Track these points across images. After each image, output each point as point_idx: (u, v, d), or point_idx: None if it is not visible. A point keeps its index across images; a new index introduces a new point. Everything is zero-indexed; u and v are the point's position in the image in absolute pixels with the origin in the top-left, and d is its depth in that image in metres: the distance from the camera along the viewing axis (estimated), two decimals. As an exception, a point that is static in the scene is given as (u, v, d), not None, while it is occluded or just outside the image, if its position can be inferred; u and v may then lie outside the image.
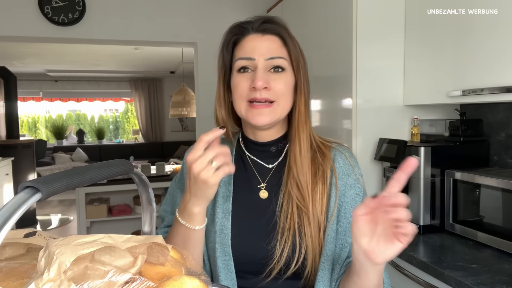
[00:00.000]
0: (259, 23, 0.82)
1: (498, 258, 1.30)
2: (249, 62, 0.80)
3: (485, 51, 1.39)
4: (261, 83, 0.77)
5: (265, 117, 0.79)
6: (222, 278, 0.81)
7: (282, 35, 0.82)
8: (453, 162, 1.60)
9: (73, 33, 2.88)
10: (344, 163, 0.86)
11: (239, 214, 0.84)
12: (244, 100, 0.80)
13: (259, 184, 0.87)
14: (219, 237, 0.82)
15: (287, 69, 0.81)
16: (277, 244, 0.79)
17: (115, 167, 0.56)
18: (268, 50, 0.80)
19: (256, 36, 0.81)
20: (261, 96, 0.78)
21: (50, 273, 0.43)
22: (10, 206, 0.40)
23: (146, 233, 0.66)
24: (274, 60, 0.80)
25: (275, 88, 0.79)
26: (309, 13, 2.20)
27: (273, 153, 0.88)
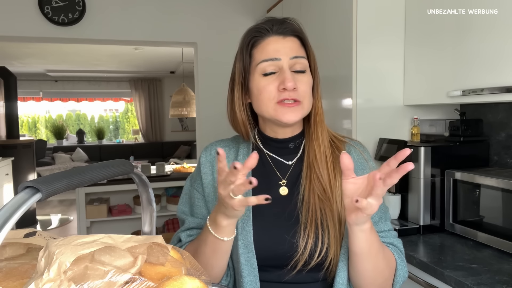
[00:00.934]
0: (278, 25, 0.84)
1: (498, 258, 1.30)
2: (274, 63, 0.81)
3: (485, 51, 1.39)
4: (291, 84, 0.79)
5: (295, 114, 0.82)
6: (245, 274, 0.82)
7: (301, 36, 0.85)
8: (453, 162, 1.60)
9: (73, 33, 2.88)
10: (359, 157, 0.90)
11: (260, 211, 0.84)
12: (272, 101, 0.82)
13: (279, 180, 0.88)
14: (241, 235, 0.83)
15: (307, 70, 0.84)
16: (301, 237, 0.81)
17: (115, 167, 0.56)
18: (291, 50, 0.82)
19: (277, 38, 0.83)
20: (290, 97, 0.81)
21: (50, 273, 0.43)
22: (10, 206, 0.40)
23: (146, 233, 0.66)
24: (298, 59, 0.82)
25: (300, 89, 0.82)
26: (309, 13, 2.20)
27: (291, 149, 0.90)
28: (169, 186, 3.61)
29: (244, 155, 0.91)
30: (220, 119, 3.18)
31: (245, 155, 0.90)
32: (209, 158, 0.93)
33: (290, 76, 0.80)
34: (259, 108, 0.84)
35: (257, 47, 0.84)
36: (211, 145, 0.97)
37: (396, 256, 0.83)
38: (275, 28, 0.83)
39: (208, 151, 0.94)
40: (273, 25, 0.83)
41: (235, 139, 0.96)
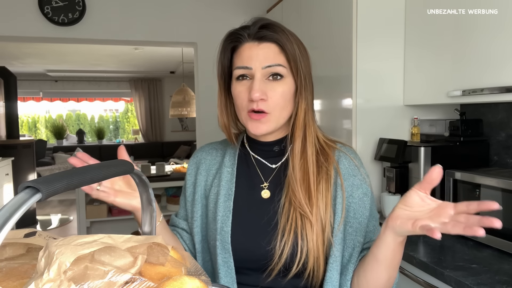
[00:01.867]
0: (255, 29, 0.81)
1: (498, 258, 1.30)
2: (247, 71, 0.80)
3: (485, 51, 1.39)
4: (257, 94, 0.78)
5: (263, 126, 0.81)
6: (222, 275, 0.82)
7: (279, 41, 0.80)
8: (453, 162, 1.60)
9: (73, 33, 2.88)
10: (349, 163, 0.87)
11: (240, 213, 0.85)
12: (244, 110, 0.82)
13: (262, 183, 0.88)
14: (220, 235, 0.83)
15: (286, 75, 0.81)
16: (277, 245, 0.79)
17: (115, 167, 0.56)
18: (265, 58, 0.79)
19: (252, 44, 0.81)
20: (258, 107, 0.79)
21: (50, 273, 0.43)
22: (10, 206, 0.40)
23: (146, 233, 0.66)
24: (271, 68, 0.79)
25: (272, 99, 0.80)
26: (309, 13, 2.20)
27: (276, 152, 0.89)
28: (169, 186, 3.61)
29: (230, 157, 0.91)
30: (220, 119, 3.17)
31: (231, 158, 0.91)
32: (195, 160, 0.96)
33: (257, 87, 0.78)
34: (237, 114, 0.85)
35: (236, 52, 0.83)
36: (201, 148, 0.99)
37: None
38: (251, 33, 0.81)
39: (197, 154, 0.97)
40: (251, 30, 0.81)
41: (225, 141, 0.97)
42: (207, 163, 0.93)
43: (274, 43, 0.81)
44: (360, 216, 0.83)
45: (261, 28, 0.81)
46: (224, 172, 0.89)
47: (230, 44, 0.84)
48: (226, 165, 0.90)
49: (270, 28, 0.81)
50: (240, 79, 0.81)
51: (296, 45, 0.82)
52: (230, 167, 0.89)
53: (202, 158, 0.95)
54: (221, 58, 0.85)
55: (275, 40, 0.80)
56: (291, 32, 0.83)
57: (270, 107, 0.80)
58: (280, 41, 0.80)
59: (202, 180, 0.91)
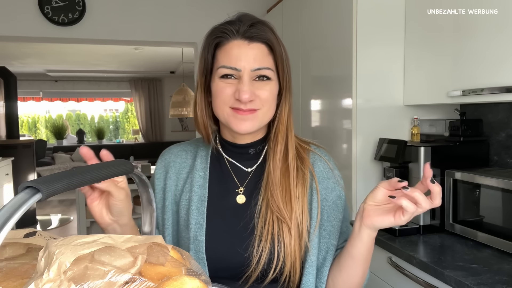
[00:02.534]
0: (245, 27, 0.77)
1: (498, 258, 1.30)
2: (234, 72, 0.77)
3: (485, 51, 1.39)
4: (247, 96, 0.75)
5: (248, 123, 0.78)
6: None
7: (269, 42, 0.78)
8: (453, 162, 1.60)
9: (73, 33, 2.88)
10: (324, 166, 0.86)
11: (214, 219, 0.81)
12: (227, 107, 0.78)
13: (237, 188, 0.84)
14: (193, 244, 0.79)
15: (272, 78, 0.79)
16: (254, 251, 0.77)
17: (115, 167, 0.56)
18: (255, 60, 0.76)
19: (242, 43, 0.77)
20: (246, 108, 0.77)
21: (50, 273, 0.43)
22: (10, 207, 0.40)
23: (146, 233, 0.66)
24: (260, 71, 0.77)
25: (260, 97, 0.77)
26: (309, 13, 2.20)
27: (251, 155, 0.86)
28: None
29: (202, 160, 0.86)
30: (220, 119, 3.18)
31: (203, 161, 0.86)
32: (164, 163, 0.90)
33: (247, 88, 0.75)
34: (216, 110, 0.81)
35: (221, 48, 0.79)
36: (168, 149, 0.93)
37: None
38: (242, 31, 0.77)
39: (164, 156, 0.92)
40: (240, 26, 0.77)
41: (195, 142, 0.92)
42: (177, 166, 0.88)
43: (264, 43, 0.78)
44: (334, 219, 0.82)
45: (251, 26, 0.78)
46: (196, 177, 0.84)
47: (215, 39, 0.80)
48: (198, 168, 0.85)
49: (260, 28, 0.78)
50: (224, 77, 0.78)
51: (282, 46, 0.80)
52: (202, 171, 0.85)
53: (171, 161, 0.89)
54: (204, 54, 0.81)
55: (266, 40, 0.78)
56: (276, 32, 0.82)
57: (258, 104, 0.78)
58: (271, 42, 0.78)
59: (172, 185, 0.86)
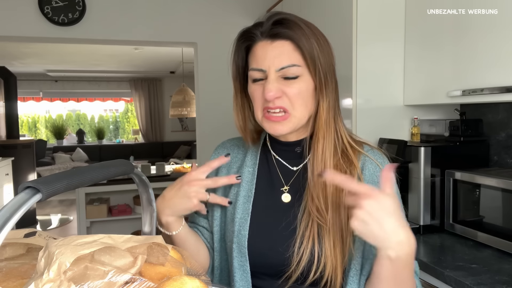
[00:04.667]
0: (267, 27, 0.76)
1: (498, 258, 1.30)
2: (261, 74, 0.77)
3: (485, 50, 1.39)
4: (271, 94, 0.74)
5: (281, 128, 0.77)
6: (237, 278, 0.80)
7: (293, 38, 0.74)
8: (453, 162, 1.60)
9: (73, 33, 2.88)
10: (375, 169, 0.80)
11: (258, 216, 0.82)
12: (260, 109, 0.78)
13: (282, 186, 0.84)
14: (237, 238, 0.80)
15: (302, 74, 0.76)
16: (295, 252, 0.76)
17: (115, 167, 0.56)
18: (279, 59, 0.74)
19: (265, 43, 0.76)
20: (275, 105, 0.76)
21: (50, 273, 0.43)
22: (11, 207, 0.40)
23: (146, 233, 0.66)
24: (285, 70, 0.75)
25: (288, 94, 0.75)
26: (309, 13, 2.20)
27: (298, 153, 0.84)
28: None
29: (252, 156, 0.88)
30: (220, 119, 3.18)
31: (253, 157, 0.87)
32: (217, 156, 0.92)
33: (271, 86, 0.74)
34: (254, 114, 0.81)
35: (250, 52, 0.79)
36: (222, 143, 0.96)
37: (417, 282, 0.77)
38: (264, 31, 0.76)
39: (218, 150, 0.95)
40: (264, 27, 0.76)
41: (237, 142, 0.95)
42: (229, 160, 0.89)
43: (288, 40, 0.75)
44: None
45: (275, 24, 0.75)
46: (245, 172, 0.85)
47: (243, 43, 0.80)
48: (248, 164, 0.86)
49: (284, 24, 0.75)
50: (256, 80, 0.78)
51: (314, 39, 0.75)
52: (252, 167, 0.86)
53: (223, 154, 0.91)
54: (235, 59, 0.81)
55: (289, 37, 0.75)
56: (309, 24, 0.77)
57: (289, 103, 0.76)
58: (295, 37, 0.74)
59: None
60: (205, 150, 3.26)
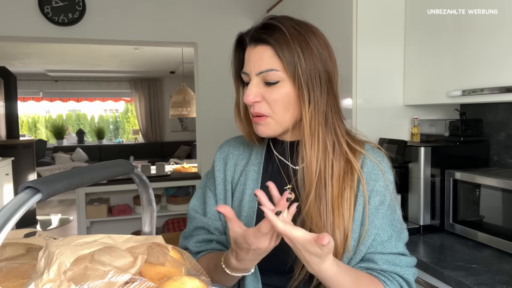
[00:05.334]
0: (252, 31, 0.78)
1: (498, 258, 1.30)
2: (245, 77, 0.79)
3: (485, 51, 1.39)
4: (249, 98, 0.76)
5: (262, 128, 0.79)
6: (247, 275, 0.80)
7: (272, 44, 0.74)
8: (453, 162, 1.60)
9: (73, 33, 2.88)
10: (373, 167, 0.81)
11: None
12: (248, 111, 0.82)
13: (285, 185, 0.85)
14: None
15: (283, 79, 0.75)
16: None
17: (116, 167, 0.56)
18: (259, 64, 0.76)
19: (250, 47, 0.78)
20: (254, 111, 0.78)
21: (50, 273, 0.43)
22: (11, 207, 0.40)
23: (146, 233, 0.66)
24: (264, 74, 0.75)
25: (268, 100, 0.76)
26: (309, 13, 2.20)
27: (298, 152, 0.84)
28: (169, 186, 3.61)
29: (257, 155, 0.89)
30: (220, 119, 3.18)
31: (258, 156, 0.89)
32: (223, 155, 0.92)
33: (249, 90, 0.76)
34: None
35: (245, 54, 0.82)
36: (226, 141, 0.95)
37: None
38: (251, 35, 0.78)
39: (223, 148, 0.93)
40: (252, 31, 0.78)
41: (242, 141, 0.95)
42: (235, 158, 0.91)
43: (268, 45, 0.75)
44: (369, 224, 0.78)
45: (260, 29, 0.76)
46: (250, 171, 0.87)
47: (238, 47, 0.83)
48: (253, 163, 0.88)
49: (267, 29, 0.75)
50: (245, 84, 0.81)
51: (298, 44, 0.74)
52: (257, 165, 0.87)
53: (229, 152, 0.92)
54: (233, 61, 0.84)
55: (269, 42, 0.75)
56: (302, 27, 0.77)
57: (268, 109, 0.77)
58: (273, 43, 0.74)
59: (230, 176, 0.89)
60: (205, 150, 3.26)
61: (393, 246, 0.79)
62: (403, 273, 0.78)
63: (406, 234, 0.84)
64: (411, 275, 0.79)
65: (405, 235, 0.84)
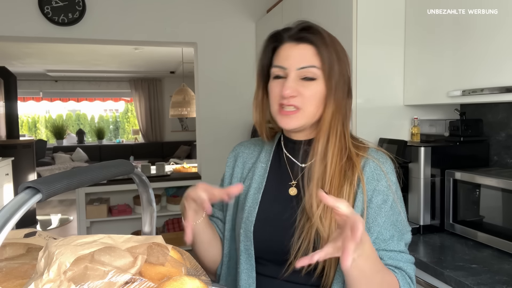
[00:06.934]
0: (295, 31, 0.85)
1: (498, 258, 1.30)
2: (281, 71, 0.84)
3: (485, 51, 1.39)
4: (288, 91, 0.82)
5: (292, 121, 0.85)
6: (242, 260, 0.88)
7: (316, 44, 0.83)
8: (453, 162, 1.60)
9: (73, 33, 2.88)
10: (375, 168, 0.86)
11: (266, 206, 0.89)
12: (276, 104, 0.86)
13: (291, 181, 0.91)
14: (244, 223, 0.88)
15: (319, 78, 0.83)
16: (295, 240, 0.82)
17: (116, 167, 0.56)
18: (300, 59, 0.83)
19: (291, 45, 0.85)
20: (289, 103, 0.83)
21: (50, 273, 0.43)
22: (11, 207, 0.40)
23: (146, 233, 0.66)
24: (305, 69, 0.82)
25: (303, 95, 0.83)
26: (309, 13, 2.20)
27: (307, 152, 0.91)
28: (169, 186, 3.61)
29: (266, 154, 0.96)
30: (220, 119, 3.18)
31: (267, 154, 0.96)
32: (234, 153, 1.02)
33: (290, 84, 0.82)
34: (270, 108, 0.89)
35: (276, 52, 0.87)
36: (240, 142, 1.05)
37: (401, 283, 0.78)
38: (291, 34, 0.85)
39: (236, 148, 1.03)
40: (292, 31, 0.85)
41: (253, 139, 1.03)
42: (244, 157, 0.99)
43: (311, 44, 0.83)
44: (372, 222, 0.82)
45: (302, 30, 0.85)
46: (258, 167, 0.95)
47: (271, 44, 0.88)
48: (261, 160, 0.95)
49: (309, 31, 0.84)
50: (276, 77, 0.86)
51: (333, 49, 0.83)
52: (265, 163, 0.95)
53: (240, 151, 1.01)
54: (262, 58, 0.90)
55: (312, 42, 0.83)
56: (331, 36, 0.86)
57: (301, 102, 0.83)
58: (317, 43, 0.83)
59: (238, 172, 0.98)
60: (205, 150, 3.26)
61: (395, 245, 0.82)
62: (405, 268, 0.81)
63: (409, 236, 0.87)
64: (412, 271, 0.83)
65: (408, 237, 0.86)
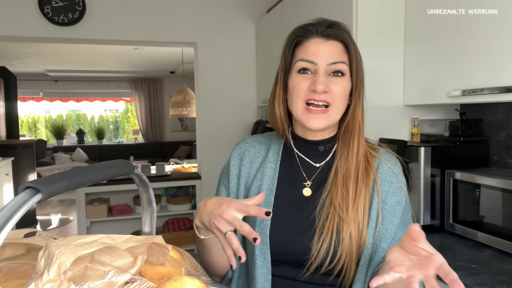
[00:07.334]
0: (323, 27, 0.84)
1: (498, 258, 1.30)
2: (311, 65, 0.83)
3: (485, 51, 1.39)
4: (321, 86, 0.80)
5: (320, 121, 0.83)
6: (258, 265, 0.85)
7: (345, 41, 0.84)
8: (453, 162, 1.60)
9: (73, 33, 2.88)
10: (388, 170, 0.87)
11: (280, 208, 0.87)
12: (301, 100, 0.83)
13: (304, 181, 0.89)
14: (259, 227, 0.85)
15: (346, 74, 0.84)
16: (314, 242, 0.81)
17: (116, 167, 0.56)
18: (330, 55, 0.82)
19: (320, 40, 0.84)
20: (320, 98, 0.81)
21: (49, 273, 0.43)
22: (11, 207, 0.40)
23: (146, 233, 0.66)
24: (335, 65, 0.83)
25: (333, 91, 0.82)
26: (309, 13, 2.20)
27: (321, 152, 0.90)
28: (169, 186, 3.61)
29: (274, 152, 0.93)
30: (220, 119, 3.18)
31: (275, 153, 0.93)
32: (239, 151, 0.96)
33: (322, 79, 0.81)
34: (291, 105, 0.86)
35: (300, 46, 0.86)
36: (243, 139, 1.00)
37: None
38: (320, 30, 0.84)
39: (240, 145, 0.98)
40: (319, 27, 0.85)
41: (268, 135, 0.99)
42: (251, 155, 0.95)
43: (340, 41, 0.84)
44: (388, 223, 0.83)
45: (329, 27, 0.84)
46: (267, 167, 0.91)
47: (296, 38, 0.86)
48: (270, 160, 0.92)
49: (336, 28, 0.85)
50: (301, 72, 0.84)
51: (356, 48, 0.85)
52: (274, 162, 0.91)
53: (245, 150, 0.96)
54: (285, 52, 0.88)
55: (342, 39, 0.84)
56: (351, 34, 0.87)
57: (332, 98, 0.82)
58: (346, 40, 0.84)
59: (245, 172, 0.93)
60: (205, 150, 3.26)
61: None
62: None
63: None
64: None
65: None
